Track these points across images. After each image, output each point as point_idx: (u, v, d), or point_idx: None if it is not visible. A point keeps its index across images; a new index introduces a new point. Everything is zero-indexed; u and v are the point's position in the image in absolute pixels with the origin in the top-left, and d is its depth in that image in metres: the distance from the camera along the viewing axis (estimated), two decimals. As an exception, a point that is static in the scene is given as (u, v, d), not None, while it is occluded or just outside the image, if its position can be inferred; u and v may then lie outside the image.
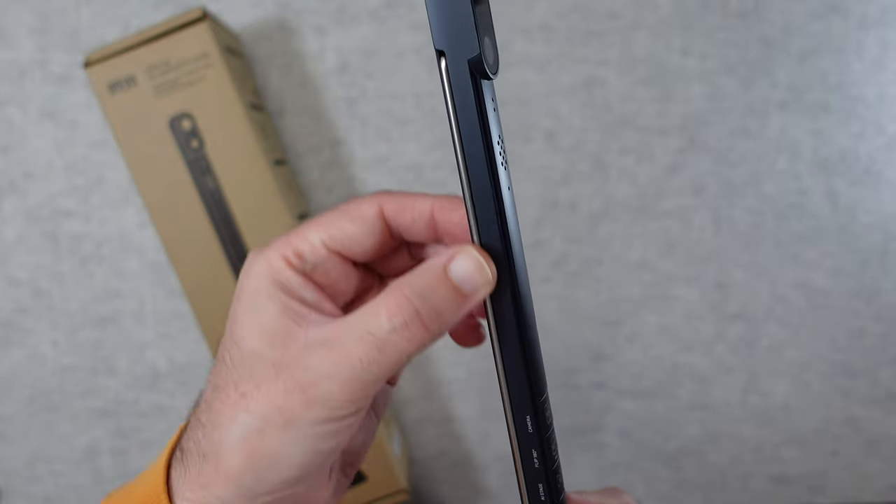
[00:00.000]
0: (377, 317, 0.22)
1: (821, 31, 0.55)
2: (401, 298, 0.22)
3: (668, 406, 0.59)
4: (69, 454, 0.58)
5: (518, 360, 0.23)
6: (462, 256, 0.23)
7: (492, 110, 0.22)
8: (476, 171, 0.22)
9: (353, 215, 0.25)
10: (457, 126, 0.21)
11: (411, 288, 0.22)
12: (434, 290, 0.22)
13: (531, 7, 0.54)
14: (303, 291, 0.24)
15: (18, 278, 0.56)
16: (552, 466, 0.25)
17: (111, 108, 0.47)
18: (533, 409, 0.24)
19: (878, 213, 0.57)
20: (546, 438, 0.24)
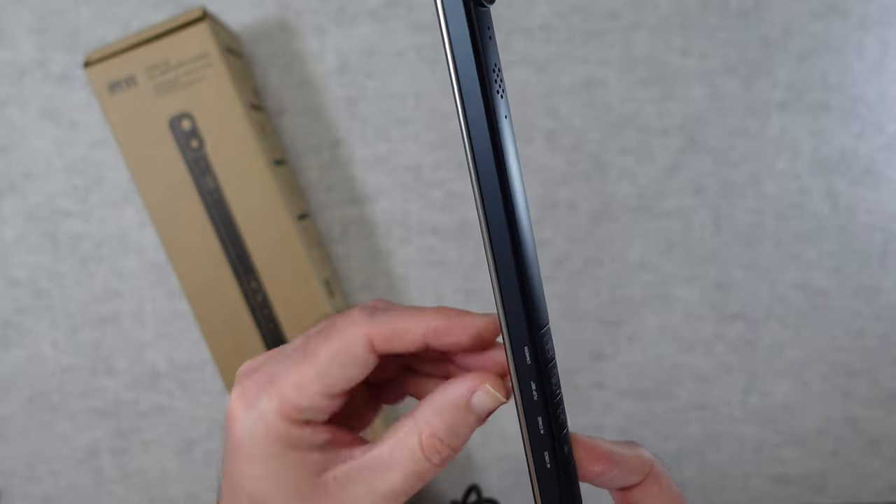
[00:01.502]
0: (415, 454, 0.24)
1: (821, 31, 0.55)
2: (434, 441, 0.24)
3: (668, 406, 0.59)
4: (69, 454, 0.58)
5: (515, 288, 0.23)
6: (482, 393, 0.24)
7: (488, 38, 0.22)
8: (471, 100, 0.22)
9: (343, 359, 0.25)
10: (451, 54, 0.21)
11: (442, 428, 0.24)
12: (461, 425, 0.24)
13: (531, 7, 0.54)
14: (314, 438, 0.25)
15: (18, 278, 0.56)
16: (553, 399, 0.24)
17: (111, 108, 0.47)
18: (531, 340, 0.23)
19: (879, 213, 0.57)
20: (546, 371, 0.24)
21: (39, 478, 0.58)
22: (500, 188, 0.22)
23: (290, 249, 0.49)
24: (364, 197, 0.56)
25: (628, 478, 0.27)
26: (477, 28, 0.21)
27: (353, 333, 0.25)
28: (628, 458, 0.26)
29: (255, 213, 0.48)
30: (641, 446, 0.27)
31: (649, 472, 0.27)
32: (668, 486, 0.27)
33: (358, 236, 0.56)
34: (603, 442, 0.26)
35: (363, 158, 0.55)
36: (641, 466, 0.27)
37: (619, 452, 0.26)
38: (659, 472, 0.27)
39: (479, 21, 0.21)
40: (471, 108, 0.22)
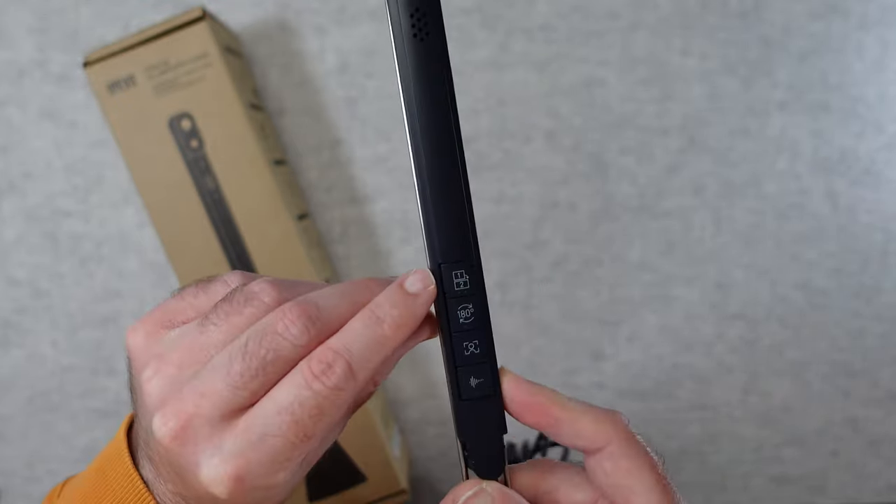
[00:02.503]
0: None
1: (821, 31, 0.55)
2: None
3: (668, 406, 0.59)
4: (68, 454, 0.58)
5: (430, 221, 0.25)
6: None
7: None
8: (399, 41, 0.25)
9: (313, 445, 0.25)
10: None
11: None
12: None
13: (531, 7, 0.54)
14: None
15: (18, 278, 0.56)
16: (455, 331, 0.26)
17: (110, 108, 0.47)
18: (438, 272, 0.26)
19: (879, 213, 0.57)
20: (451, 301, 0.26)
21: (39, 478, 0.58)
22: (420, 117, 0.25)
23: (290, 249, 0.49)
24: (364, 197, 0.56)
25: (574, 441, 0.26)
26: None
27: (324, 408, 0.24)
28: (573, 418, 0.25)
29: (255, 213, 0.48)
30: (616, 419, 0.26)
31: (606, 446, 0.25)
32: (626, 469, 0.25)
33: (358, 236, 0.56)
34: (546, 394, 0.26)
35: (363, 158, 0.55)
36: (594, 433, 0.25)
37: (560, 407, 0.25)
38: (620, 449, 0.25)
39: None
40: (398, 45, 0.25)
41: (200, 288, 0.28)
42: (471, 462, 0.27)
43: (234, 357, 0.24)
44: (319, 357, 0.24)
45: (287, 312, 0.24)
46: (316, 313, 0.24)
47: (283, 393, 0.24)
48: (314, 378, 0.23)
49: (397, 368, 0.58)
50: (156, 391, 0.25)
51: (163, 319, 0.27)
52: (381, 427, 0.50)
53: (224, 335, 0.25)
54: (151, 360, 0.26)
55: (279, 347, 0.24)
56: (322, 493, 0.50)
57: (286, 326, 0.24)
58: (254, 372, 0.24)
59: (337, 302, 0.25)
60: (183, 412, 0.24)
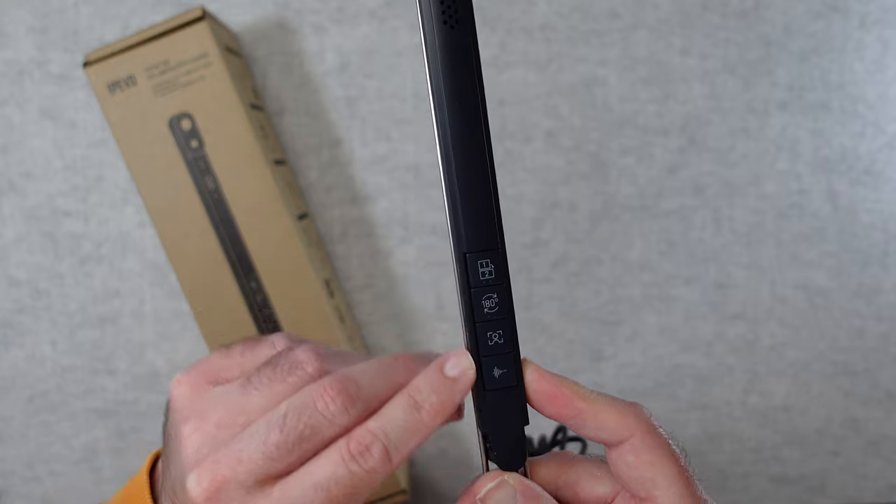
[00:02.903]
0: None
1: (821, 31, 0.55)
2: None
3: (668, 406, 0.59)
4: (68, 454, 0.58)
5: (455, 210, 0.25)
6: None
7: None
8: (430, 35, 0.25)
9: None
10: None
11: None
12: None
13: (531, 7, 0.54)
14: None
15: (18, 278, 0.56)
16: (480, 320, 0.26)
17: (110, 108, 0.47)
18: (461, 261, 0.25)
19: (879, 213, 0.57)
20: (476, 291, 0.26)
21: (39, 478, 0.58)
22: (451, 114, 0.25)
23: (290, 249, 0.48)
24: (364, 197, 0.56)
25: (597, 434, 0.26)
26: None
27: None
28: (596, 410, 0.25)
29: (255, 213, 0.48)
30: (638, 411, 0.26)
31: (630, 437, 0.25)
32: (648, 461, 0.25)
33: (358, 236, 0.56)
34: (569, 386, 0.26)
35: (363, 158, 0.55)
36: (617, 426, 0.25)
37: (584, 399, 0.25)
38: (643, 441, 0.25)
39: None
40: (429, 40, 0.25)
41: (248, 347, 0.29)
42: (492, 453, 0.27)
43: (272, 428, 0.24)
44: (359, 439, 0.24)
45: (328, 388, 0.25)
46: (356, 393, 0.25)
47: (320, 469, 0.24)
48: (352, 459, 0.24)
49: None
50: (193, 448, 0.25)
51: (208, 375, 0.28)
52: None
53: (265, 401, 0.25)
54: (193, 415, 0.26)
55: (317, 424, 0.24)
56: (322, 494, 0.50)
57: (326, 405, 0.24)
58: (290, 446, 0.24)
59: (376, 380, 0.25)
60: (219, 474, 0.24)
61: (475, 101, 0.25)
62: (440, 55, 0.25)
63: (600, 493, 0.27)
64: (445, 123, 0.25)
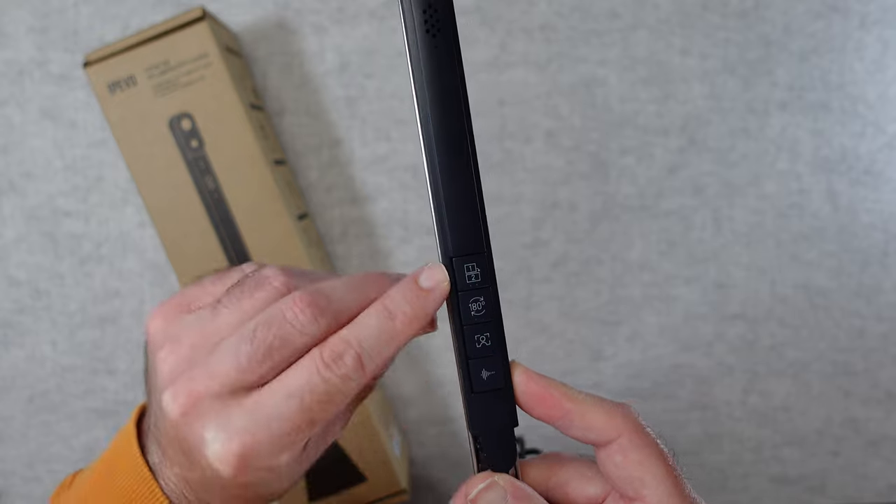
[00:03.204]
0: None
1: (821, 31, 0.55)
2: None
3: (668, 406, 0.59)
4: (68, 454, 0.58)
5: (441, 214, 0.26)
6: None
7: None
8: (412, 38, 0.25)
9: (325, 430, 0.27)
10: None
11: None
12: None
13: (531, 7, 0.54)
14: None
15: (18, 278, 0.56)
16: (466, 323, 0.26)
17: (110, 108, 0.47)
18: (449, 264, 0.26)
19: (879, 213, 0.57)
20: (464, 294, 0.26)
21: (39, 478, 0.58)
22: (431, 115, 0.25)
23: (290, 249, 0.49)
24: (364, 197, 0.56)
25: (585, 434, 0.26)
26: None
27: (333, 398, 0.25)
28: (584, 411, 0.25)
29: (255, 213, 0.48)
30: (626, 412, 0.26)
31: (618, 437, 0.25)
32: (636, 461, 0.25)
33: (358, 236, 0.56)
34: (557, 387, 0.26)
35: (363, 158, 0.55)
36: (605, 426, 0.25)
37: (571, 400, 0.25)
38: (631, 441, 0.25)
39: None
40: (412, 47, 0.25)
41: (218, 276, 0.29)
42: (482, 455, 0.27)
43: (242, 341, 0.25)
44: (332, 347, 0.24)
45: (297, 301, 0.25)
46: (325, 304, 0.25)
47: (293, 378, 0.24)
48: (325, 366, 0.24)
49: (397, 367, 0.58)
50: (167, 369, 0.26)
51: (181, 304, 0.28)
52: (381, 427, 0.50)
53: (235, 318, 0.26)
54: (167, 341, 0.26)
55: (287, 334, 0.24)
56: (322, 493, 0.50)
57: (295, 314, 0.25)
58: (261, 356, 0.24)
59: (346, 294, 0.26)
60: (192, 389, 0.25)
61: (459, 107, 0.26)
62: (423, 63, 0.25)
63: (591, 493, 0.27)
64: (430, 130, 0.25)
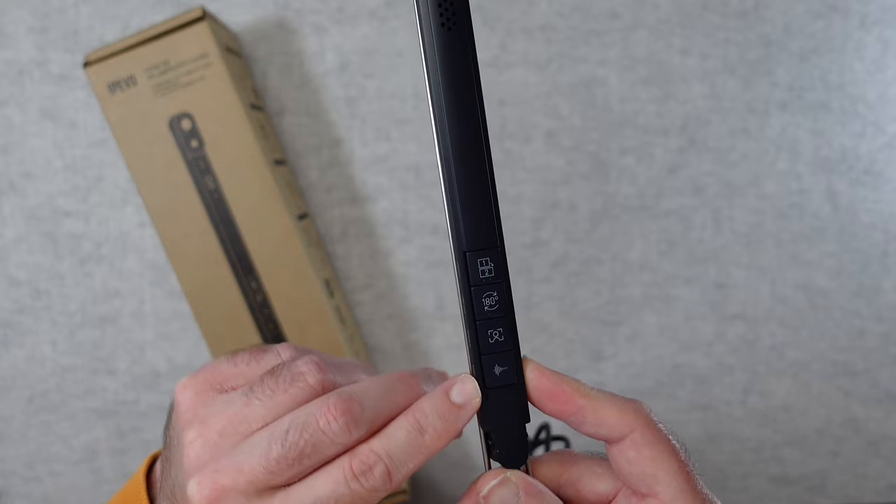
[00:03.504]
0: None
1: (821, 31, 0.55)
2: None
3: (668, 406, 0.59)
4: (69, 454, 0.58)
5: (455, 209, 0.26)
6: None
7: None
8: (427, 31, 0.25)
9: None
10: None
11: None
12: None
13: (531, 7, 0.54)
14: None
15: (18, 278, 0.56)
16: (481, 318, 0.26)
17: (110, 108, 0.47)
18: (458, 258, 0.26)
19: (879, 213, 0.57)
20: (477, 289, 0.26)
21: (39, 478, 0.58)
22: (449, 112, 0.25)
23: (290, 249, 0.49)
24: (364, 197, 0.56)
25: (597, 430, 0.26)
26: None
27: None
28: (596, 407, 0.25)
29: (255, 213, 0.48)
30: (638, 408, 0.26)
31: (630, 433, 0.25)
32: (649, 456, 0.25)
33: (358, 236, 0.56)
34: (569, 383, 0.26)
35: (363, 158, 0.55)
36: (617, 422, 0.25)
37: (584, 395, 0.26)
38: (643, 437, 0.25)
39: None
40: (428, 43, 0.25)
41: (254, 356, 0.29)
42: (494, 451, 0.27)
43: (273, 441, 0.25)
44: (362, 458, 0.25)
45: (332, 408, 0.25)
46: (359, 413, 0.25)
47: (322, 485, 0.24)
48: (354, 478, 0.24)
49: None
50: (195, 454, 0.26)
51: (213, 382, 0.28)
52: (381, 427, 0.50)
53: (267, 411, 0.26)
54: (196, 421, 0.26)
55: (319, 442, 0.25)
56: (322, 493, 0.50)
57: (328, 423, 0.25)
58: (291, 461, 0.24)
59: (379, 401, 0.26)
60: (219, 482, 0.25)
61: (473, 101, 0.25)
62: (438, 57, 0.25)
63: (602, 490, 0.27)
64: (444, 124, 0.25)
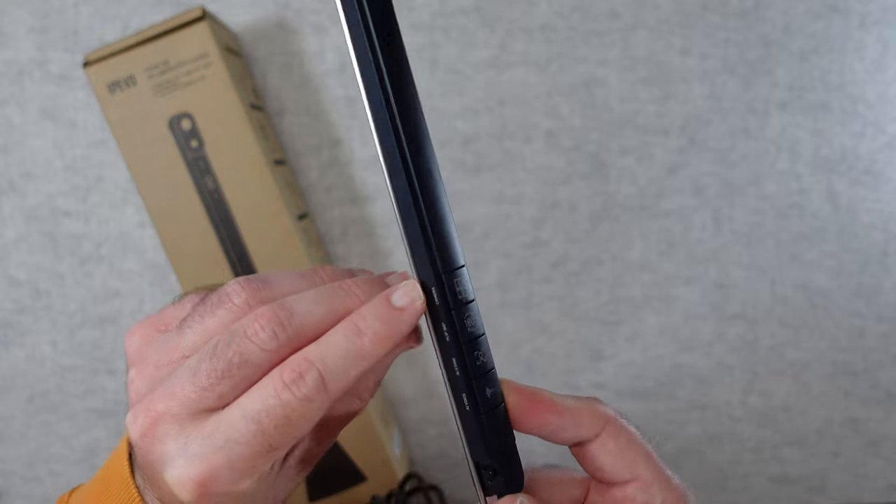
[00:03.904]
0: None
1: (821, 31, 0.55)
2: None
3: (668, 406, 0.59)
4: (69, 454, 0.58)
5: (417, 229, 0.23)
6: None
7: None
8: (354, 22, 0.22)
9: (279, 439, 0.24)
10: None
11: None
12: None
13: (531, 7, 0.54)
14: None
15: (18, 278, 0.56)
16: (467, 341, 0.24)
17: (110, 108, 0.47)
18: (437, 281, 0.24)
19: (879, 213, 0.57)
20: (458, 311, 0.24)
21: (39, 478, 0.58)
22: (391, 121, 0.23)
23: (290, 249, 0.49)
24: (364, 197, 0.56)
25: (577, 431, 0.26)
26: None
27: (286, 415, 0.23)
28: (574, 409, 0.26)
29: (255, 213, 0.48)
30: (598, 402, 0.27)
31: (603, 428, 0.26)
32: (626, 443, 0.26)
33: (358, 236, 0.56)
34: (544, 392, 0.26)
35: (363, 158, 0.55)
36: (592, 419, 0.26)
37: (561, 402, 0.26)
38: (617, 428, 0.26)
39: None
40: (356, 36, 0.22)
41: (199, 296, 0.28)
42: (496, 479, 0.25)
43: (202, 359, 0.24)
44: (292, 366, 0.23)
45: (258, 317, 0.24)
46: (287, 318, 0.24)
47: (250, 400, 0.23)
48: (284, 387, 0.23)
49: (397, 367, 0.58)
50: (135, 391, 0.25)
51: (158, 324, 0.27)
52: (381, 427, 0.50)
53: (198, 337, 0.25)
54: (137, 361, 0.26)
55: (246, 351, 0.23)
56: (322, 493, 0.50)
57: (255, 331, 0.23)
58: (220, 374, 0.23)
59: (312, 307, 0.24)
60: (152, 410, 0.24)
61: (420, 113, 0.24)
62: (386, 72, 0.23)
63: (575, 495, 0.28)
64: (403, 148, 0.23)
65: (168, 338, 0.26)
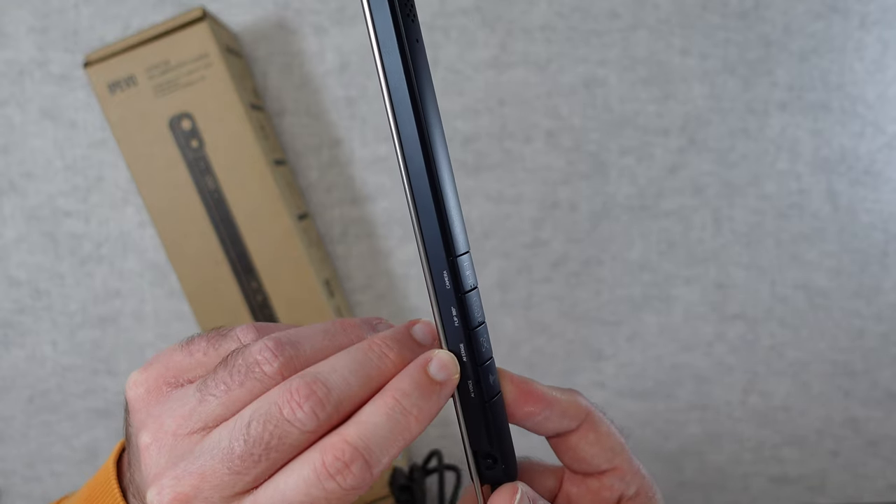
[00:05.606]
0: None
1: (821, 31, 0.55)
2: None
3: (668, 406, 0.59)
4: (69, 454, 0.58)
5: (432, 215, 0.23)
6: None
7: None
8: (382, 20, 0.23)
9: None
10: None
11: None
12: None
13: (531, 7, 0.54)
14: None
15: (18, 278, 0.56)
16: (474, 327, 0.24)
17: (111, 108, 0.47)
18: (448, 265, 0.24)
19: (879, 213, 0.57)
20: (465, 296, 0.24)
21: (39, 478, 0.58)
22: (415, 115, 0.23)
23: (290, 249, 0.49)
24: (364, 197, 0.56)
25: (561, 421, 0.26)
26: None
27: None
28: (561, 401, 0.26)
29: (255, 213, 0.48)
30: (579, 394, 0.27)
31: (585, 419, 0.27)
32: (606, 433, 0.27)
33: (358, 236, 0.56)
34: (535, 382, 0.26)
35: (363, 158, 0.55)
36: (576, 411, 0.27)
37: (551, 394, 0.26)
38: (596, 420, 0.27)
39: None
40: (382, 30, 0.23)
41: (211, 343, 0.26)
42: (499, 468, 0.25)
43: (235, 438, 0.22)
44: (335, 453, 0.21)
45: (294, 394, 0.22)
46: (325, 395, 0.22)
47: (291, 485, 0.22)
48: (328, 477, 0.21)
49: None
50: (152, 461, 0.23)
51: (166, 376, 0.25)
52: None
53: (224, 410, 0.23)
54: (150, 421, 0.24)
55: (285, 434, 0.22)
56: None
57: (293, 411, 0.22)
58: (257, 458, 0.22)
59: (349, 377, 0.23)
60: (181, 492, 0.22)
61: (433, 111, 0.23)
62: (413, 65, 0.23)
63: (550, 486, 0.29)
64: (423, 149, 0.23)
65: (184, 400, 0.24)
